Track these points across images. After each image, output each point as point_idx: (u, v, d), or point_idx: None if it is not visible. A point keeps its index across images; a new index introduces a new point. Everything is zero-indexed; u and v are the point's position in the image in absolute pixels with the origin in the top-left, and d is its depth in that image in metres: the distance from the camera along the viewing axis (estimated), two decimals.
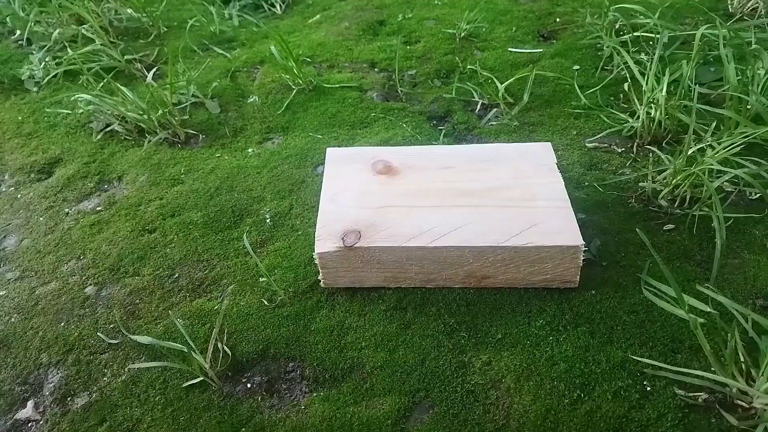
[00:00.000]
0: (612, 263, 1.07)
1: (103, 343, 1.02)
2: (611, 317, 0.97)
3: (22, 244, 1.24)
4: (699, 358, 0.92)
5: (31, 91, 1.70)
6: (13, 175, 1.42)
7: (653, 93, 1.28)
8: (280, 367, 0.96)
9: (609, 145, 1.34)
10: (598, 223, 1.14)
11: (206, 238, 1.20)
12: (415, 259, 0.98)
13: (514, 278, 1.00)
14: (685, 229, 1.12)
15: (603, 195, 1.21)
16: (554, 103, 1.49)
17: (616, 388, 0.88)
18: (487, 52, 1.71)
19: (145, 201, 1.31)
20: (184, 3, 2.10)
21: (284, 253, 1.15)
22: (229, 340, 1.00)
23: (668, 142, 1.31)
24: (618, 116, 1.38)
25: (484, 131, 1.43)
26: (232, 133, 1.49)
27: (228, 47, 1.84)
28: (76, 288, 1.13)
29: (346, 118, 1.50)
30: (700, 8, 1.78)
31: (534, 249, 0.94)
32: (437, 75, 1.65)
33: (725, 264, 1.06)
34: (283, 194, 1.29)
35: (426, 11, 1.95)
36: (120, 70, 1.74)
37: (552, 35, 1.78)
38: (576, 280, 1.00)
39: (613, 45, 1.54)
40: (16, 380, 0.98)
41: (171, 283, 1.12)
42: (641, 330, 0.95)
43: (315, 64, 1.73)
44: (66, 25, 1.89)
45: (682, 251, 1.08)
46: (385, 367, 0.94)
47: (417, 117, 1.49)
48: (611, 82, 1.51)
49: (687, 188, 1.14)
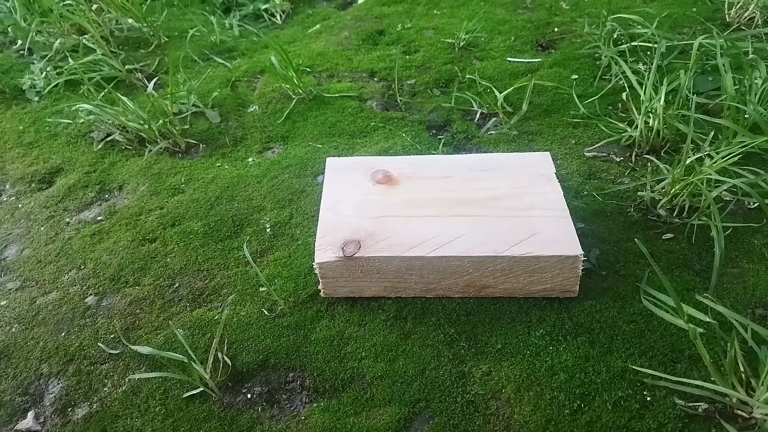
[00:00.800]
0: (611, 272, 1.07)
1: (104, 353, 1.02)
2: (611, 327, 0.98)
3: (23, 253, 1.24)
4: (698, 368, 0.92)
5: (32, 101, 1.71)
6: (14, 185, 1.43)
7: (651, 102, 1.29)
8: (280, 377, 0.97)
9: (608, 155, 1.35)
10: (597, 233, 1.15)
11: (206, 248, 1.21)
12: (414, 269, 0.98)
13: (514, 288, 1.00)
14: (684, 239, 1.12)
15: (602, 204, 1.22)
16: (553, 112, 1.50)
17: (616, 398, 0.88)
18: (485, 62, 1.72)
19: (145, 210, 1.31)
20: (185, 13, 2.11)
21: (284, 263, 1.15)
22: (229, 350, 1.00)
23: (666, 151, 1.32)
24: (616, 125, 1.39)
25: (483, 140, 1.44)
26: (232, 143, 1.50)
27: (228, 57, 1.85)
28: (77, 298, 1.13)
29: (346, 128, 1.51)
30: (697, 18, 1.79)
31: (533, 259, 0.95)
32: (436, 84, 1.66)
33: (724, 273, 1.06)
34: (283, 203, 1.29)
35: (425, 21, 1.96)
36: (121, 80, 1.75)
37: (550, 45, 1.79)
38: (575, 290, 1.00)
39: (611, 55, 1.55)
40: (16, 391, 0.98)
41: (171, 292, 1.12)
42: (641, 340, 0.96)
43: (315, 74, 1.74)
44: (67, 35, 1.90)
45: (681, 260, 1.09)
46: (385, 377, 0.94)
47: (416, 126, 1.50)
48: (609, 91, 1.52)
49: (686, 197, 1.15)
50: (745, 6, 1.72)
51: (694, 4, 1.88)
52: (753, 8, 1.71)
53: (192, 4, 2.18)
